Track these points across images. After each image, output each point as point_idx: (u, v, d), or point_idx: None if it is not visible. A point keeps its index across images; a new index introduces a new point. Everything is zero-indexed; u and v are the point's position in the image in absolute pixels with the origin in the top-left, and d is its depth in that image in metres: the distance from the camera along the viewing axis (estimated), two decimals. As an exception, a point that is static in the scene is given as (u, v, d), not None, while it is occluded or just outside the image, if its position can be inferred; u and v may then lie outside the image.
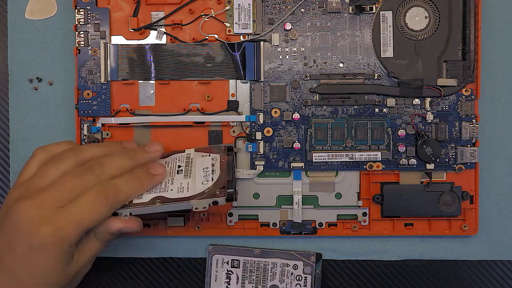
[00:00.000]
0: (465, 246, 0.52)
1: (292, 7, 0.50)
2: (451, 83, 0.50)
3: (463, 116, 0.50)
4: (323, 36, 0.51)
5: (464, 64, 0.50)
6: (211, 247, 0.51)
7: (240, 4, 0.50)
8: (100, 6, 0.50)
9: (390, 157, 0.50)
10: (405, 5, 0.50)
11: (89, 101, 0.50)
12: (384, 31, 0.50)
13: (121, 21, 0.51)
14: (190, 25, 0.51)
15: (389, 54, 0.50)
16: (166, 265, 0.53)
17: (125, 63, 0.50)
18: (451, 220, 0.51)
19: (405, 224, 0.51)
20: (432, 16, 0.50)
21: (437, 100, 0.50)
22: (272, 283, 0.51)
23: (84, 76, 0.50)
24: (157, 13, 0.51)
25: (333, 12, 0.50)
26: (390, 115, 0.51)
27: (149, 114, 0.51)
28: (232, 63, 0.50)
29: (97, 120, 0.51)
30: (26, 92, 0.52)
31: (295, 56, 0.51)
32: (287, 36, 0.51)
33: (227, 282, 0.51)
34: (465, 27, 0.50)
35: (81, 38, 0.50)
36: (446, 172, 0.51)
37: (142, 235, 0.52)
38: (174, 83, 0.51)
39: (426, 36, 0.50)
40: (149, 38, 0.51)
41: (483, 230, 0.52)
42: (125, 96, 0.51)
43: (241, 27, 0.50)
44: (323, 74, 0.50)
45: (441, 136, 0.50)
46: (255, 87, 0.50)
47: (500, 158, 0.52)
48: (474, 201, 0.51)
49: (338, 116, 0.51)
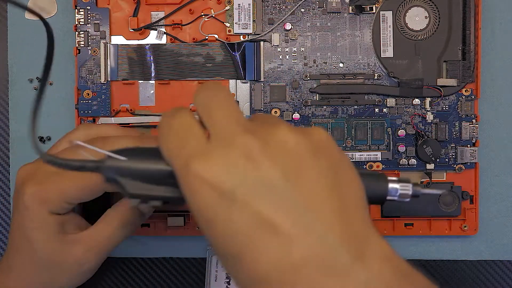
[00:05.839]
0: (465, 246, 0.52)
1: (292, 7, 0.50)
2: (451, 83, 0.50)
3: (463, 116, 0.50)
4: (323, 36, 0.51)
5: (464, 64, 0.50)
6: (211, 247, 0.51)
7: (240, 4, 0.50)
8: (100, 6, 0.50)
9: (390, 157, 0.50)
10: (405, 5, 0.50)
11: (89, 101, 0.50)
12: (384, 31, 0.50)
13: (121, 21, 0.51)
14: (190, 25, 0.51)
15: (389, 54, 0.50)
16: (166, 265, 0.53)
17: (125, 63, 0.50)
18: (451, 220, 0.51)
19: (405, 224, 0.51)
20: (432, 16, 0.50)
21: (437, 100, 0.50)
22: (272, 283, 0.51)
23: (84, 76, 0.50)
24: (157, 13, 0.51)
25: (333, 12, 0.50)
26: (390, 115, 0.51)
27: (149, 114, 0.51)
28: (232, 63, 0.50)
29: (97, 120, 0.51)
30: (26, 92, 0.52)
31: (295, 56, 0.51)
32: (287, 36, 0.51)
33: (227, 282, 0.51)
34: (465, 27, 0.50)
35: (81, 38, 0.50)
36: (446, 172, 0.51)
37: (142, 235, 0.52)
38: (174, 83, 0.51)
39: (426, 36, 0.50)
40: (149, 38, 0.51)
41: (483, 230, 0.52)
42: (125, 96, 0.51)
43: (241, 27, 0.50)
44: (323, 74, 0.50)
45: (441, 136, 0.50)
46: (255, 87, 0.50)
47: (500, 158, 0.52)
48: (474, 201, 0.51)
49: (338, 116, 0.51)
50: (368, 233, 0.26)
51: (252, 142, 0.26)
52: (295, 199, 0.25)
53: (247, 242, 0.25)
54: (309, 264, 0.24)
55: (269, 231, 0.25)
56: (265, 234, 0.25)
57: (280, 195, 0.25)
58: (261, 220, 0.25)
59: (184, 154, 0.27)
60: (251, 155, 0.25)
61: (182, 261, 0.53)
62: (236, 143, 0.26)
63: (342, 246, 0.25)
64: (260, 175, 0.25)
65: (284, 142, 0.26)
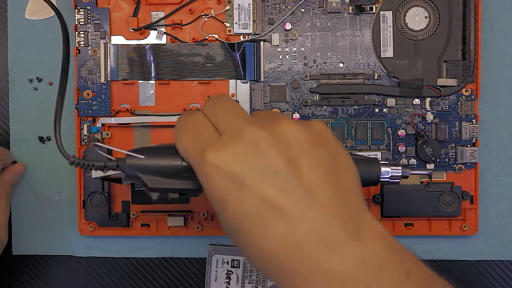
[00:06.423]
0: (465, 246, 0.52)
1: (292, 7, 0.50)
2: (451, 83, 0.50)
3: (463, 116, 0.50)
4: (323, 36, 0.51)
5: (464, 64, 0.50)
6: (211, 247, 0.51)
7: (240, 4, 0.50)
8: (100, 6, 0.50)
9: (390, 157, 0.50)
10: (405, 5, 0.50)
11: (89, 101, 0.50)
12: (384, 31, 0.50)
13: (121, 21, 0.51)
14: (190, 25, 0.51)
15: (389, 54, 0.50)
16: (166, 265, 0.53)
17: (125, 63, 0.50)
18: (451, 220, 0.51)
19: (405, 224, 0.51)
20: (432, 16, 0.50)
21: (437, 100, 0.50)
22: (272, 283, 0.51)
23: (84, 76, 0.50)
24: (157, 13, 0.51)
25: (333, 12, 0.50)
26: (390, 115, 0.51)
27: (149, 114, 0.51)
28: (232, 63, 0.50)
29: (97, 120, 0.51)
30: (26, 92, 0.52)
31: (295, 56, 0.51)
32: (287, 36, 0.51)
33: (227, 282, 0.51)
34: (465, 27, 0.50)
35: (81, 38, 0.50)
36: (446, 172, 0.51)
37: (142, 235, 0.52)
38: (174, 83, 0.51)
39: (426, 36, 0.50)
40: (149, 38, 0.51)
41: (483, 230, 0.52)
42: (125, 96, 0.51)
43: (241, 27, 0.50)
44: (323, 74, 0.50)
45: (441, 136, 0.50)
46: (255, 87, 0.50)
47: (500, 158, 0.52)
48: (474, 201, 0.51)
49: (338, 116, 0.51)
50: (362, 214, 0.29)
51: (258, 134, 0.29)
52: (297, 184, 0.28)
53: (256, 221, 0.28)
54: (311, 240, 0.27)
55: (274, 211, 0.28)
56: (271, 214, 0.28)
57: (283, 180, 0.28)
58: (267, 202, 0.28)
59: (199, 146, 0.30)
60: (257, 145, 0.29)
61: (182, 261, 0.53)
62: (244, 135, 0.29)
63: (340, 225, 0.28)
64: (266, 162, 0.28)
65: (287, 133, 0.29)
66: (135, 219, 0.51)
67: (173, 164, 0.33)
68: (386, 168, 0.35)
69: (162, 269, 0.53)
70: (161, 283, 0.53)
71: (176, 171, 0.33)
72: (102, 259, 0.53)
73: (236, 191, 0.28)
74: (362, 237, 0.28)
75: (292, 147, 0.29)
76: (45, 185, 0.52)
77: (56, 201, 0.52)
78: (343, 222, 0.28)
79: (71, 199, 0.52)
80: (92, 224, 0.51)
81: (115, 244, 0.53)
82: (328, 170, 0.29)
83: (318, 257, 0.27)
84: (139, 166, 0.33)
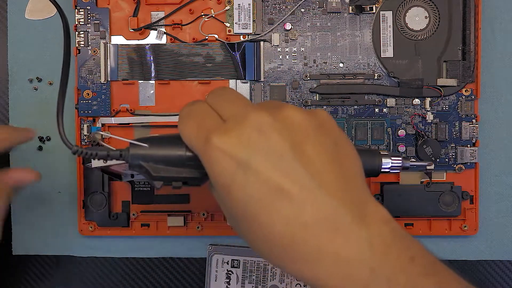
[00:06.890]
0: (465, 246, 0.52)
1: (292, 7, 0.50)
2: (451, 83, 0.50)
3: (463, 116, 0.50)
4: (323, 36, 0.51)
5: (464, 64, 0.50)
6: (211, 247, 0.51)
7: (240, 4, 0.50)
8: (100, 6, 0.50)
9: (390, 157, 0.50)
10: (405, 5, 0.50)
11: (89, 101, 0.50)
12: (384, 31, 0.50)
13: (121, 21, 0.51)
14: (190, 25, 0.51)
15: (389, 54, 0.50)
16: (166, 265, 0.53)
17: (125, 63, 0.50)
18: (451, 220, 0.51)
19: (405, 224, 0.51)
20: (432, 16, 0.50)
21: (437, 100, 0.50)
22: (272, 283, 0.51)
23: (84, 76, 0.50)
24: (157, 13, 0.51)
25: (333, 12, 0.50)
26: (390, 115, 0.51)
27: (149, 114, 0.51)
28: (232, 63, 0.50)
29: (97, 120, 0.51)
30: (26, 92, 0.52)
31: (295, 56, 0.51)
32: (287, 36, 0.51)
33: (227, 282, 0.51)
34: (465, 27, 0.50)
35: (81, 38, 0.50)
36: (446, 172, 0.51)
37: (142, 235, 0.52)
38: (174, 83, 0.51)
39: (426, 36, 0.50)
40: (149, 38, 0.51)
41: (483, 230, 0.52)
42: (125, 96, 0.51)
43: (241, 27, 0.50)
44: (323, 74, 0.50)
45: (441, 136, 0.50)
46: (255, 87, 0.50)
47: (500, 158, 0.52)
48: (474, 201, 0.51)
49: (338, 116, 0.51)
50: (367, 199, 0.29)
51: (263, 118, 0.29)
52: (302, 168, 0.28)
53: (261, 205, 0.28)
54: (317, 223, 0.27)
55: (279, 195, 0.28)
56: (277, 198, 0.28)
57: (288, 164, 0.28)
58: (272, 185, 0.28)
59: (203, 132, 0.30)
60: (262, 129, 0.29)
61: (182, 261, 0.53)
62: (249, 119, 0.29)
63: (345, 209, 0.28)
64: (271, 146, 0.28)
65: (291, 118, 0.29)
66: (135, 219, 0.51)
67: (177, 153, 0.33)
68: (387, 159, 0.35)
69: (162, 269, 0.53)
70: (161, 283, 0.53)
71: (180, 160, 0.33)
72: (102, 259, 0.53)
73: (241, 175, 0.28)
74: (368, 221, 0.28)
75: (297, 132, 0.29)
76: (45, 185, 0.52)
77: (56, 201, 0.52)
78: (349, 206, 0.28)
79: (71, 199, 0.52)
80: (92, 224, 0.51)
81: (115, 244, 0.53)
82: (332, 156, 0.29)
83: (324, 239, 0.27)
84: (143, 155, 0.33)
